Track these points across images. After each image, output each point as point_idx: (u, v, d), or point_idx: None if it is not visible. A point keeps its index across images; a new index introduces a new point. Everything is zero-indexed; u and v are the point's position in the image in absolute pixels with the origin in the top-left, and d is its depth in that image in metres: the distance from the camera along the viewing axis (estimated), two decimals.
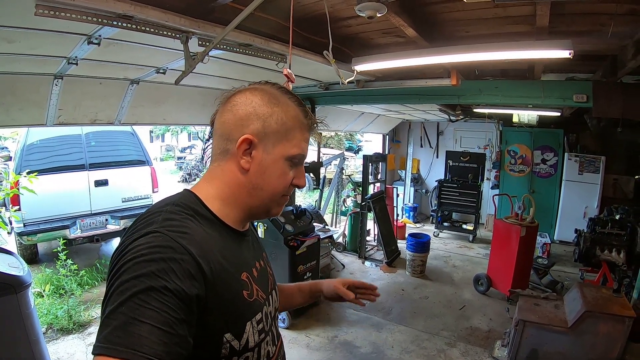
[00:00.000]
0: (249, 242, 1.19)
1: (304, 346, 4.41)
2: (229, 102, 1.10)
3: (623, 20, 2.63)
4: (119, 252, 0.89)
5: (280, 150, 1.07)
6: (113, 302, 0.79)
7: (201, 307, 0.88)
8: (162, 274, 0.81)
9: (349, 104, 5.95)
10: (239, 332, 1.00)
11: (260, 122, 1.05)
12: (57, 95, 3.74)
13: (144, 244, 0.86)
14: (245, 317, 1.03)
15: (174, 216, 0.96)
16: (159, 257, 0.84)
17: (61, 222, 6.15)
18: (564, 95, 4.21)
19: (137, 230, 0.92)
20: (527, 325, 3.74)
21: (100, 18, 2.08)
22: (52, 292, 5.25)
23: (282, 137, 1.07)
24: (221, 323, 0.95)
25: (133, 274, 0.81)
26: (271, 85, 1.12)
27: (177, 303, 0.81)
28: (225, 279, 0.96)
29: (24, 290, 3.01)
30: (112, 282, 0.83)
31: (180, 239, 0.89)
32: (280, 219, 4.86)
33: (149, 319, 0.76)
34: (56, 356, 4.08)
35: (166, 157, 25.11)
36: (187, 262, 0.86)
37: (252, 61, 3.23)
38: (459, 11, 2.83)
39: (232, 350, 0.98)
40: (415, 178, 10.88)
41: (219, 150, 1.10)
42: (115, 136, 7.06)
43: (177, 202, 1.02)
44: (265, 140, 1.06)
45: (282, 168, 1.09)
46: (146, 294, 0.78)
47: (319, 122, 1.19)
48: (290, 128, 1.08)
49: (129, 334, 0.74)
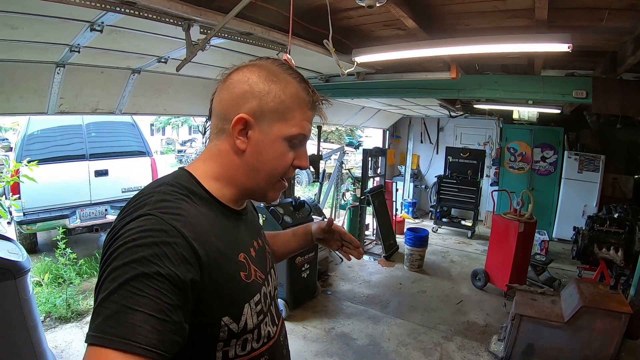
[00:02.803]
0: (246, 221, 1.16)
1: (301, 337, 4.44)
2: (227, 79, 1.07)
3: (622, 15, 2.63)
4: (111, 237, 0.87)
5: (278, 130, 1.03)
6: (105, 290, 0.77)
7: (197, 291, 0.86)
8: (155, 259, 0.79)
9: (349, 97, 5.95)
10: (236, 315, 0.98)
11: (256, 101, 1.01)
12: (59, 83, 3.73)
13: (135, 228, 0.84)
14: (243, 299, 1.00)
15: (167, 197, 0.94)
16: (151, 241, 0.81)
17: (61, 212, 6.17)
18: (563, 91, 4.22)
19: (129, 212, 0.90)
20: (523, 320, 3.76)
21: (103, 4, 2.09)
22: (51, 281, 5.26)
23: (280, 117, 1.02)
24: (218, 307, 0.93)
25: (124, 260, 0.79)
26: (272, 62, 1.08)
27: (171, 289, 0.79)
28: (221, 262, 0.94)
29: (23, 276, 3.02)
30: (104, 268, 0.81)
31: (174, 222, 0.87)
32: (279, 210, 4.88)
33: (142, 306, 0.75)
34: (54, 344, 4.09)
35: (167, 150, 25.03)
36: (180, 246, 0.84)
37: (253, 51, 3.22)
38: (459, 4, 2.84)
39: (230, 333, 0.97)
40: (415, 173, 10.87)
41: (216, 129, 1.07)
42: (115, 127, 7.07)
43: (170, 182, 0.99)
44: (261, 120, 1.02)
45: (280, 149, 1.04)
46: (139, 281, 0.76)
47: (323, 99, 1.12)
48: (289, 106, 1.03)
49: (121, 323, 0.73)
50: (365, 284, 6.07)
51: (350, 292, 5.76)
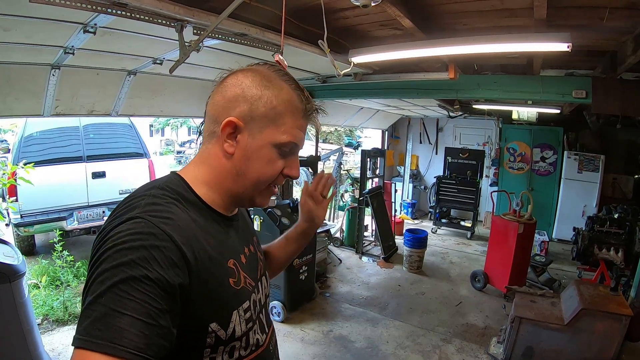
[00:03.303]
0: (237, 227, 1.15)
1: (299, 340, 4.40)
2: (222, 82, 1.06)
3: (622, 14, 2.61)
4: (100, 239, 0.86)
5: (267, 135, 1.01)
6: (93, 292, 0.76)
7: (185, 296, 0.86)
8: (144, 262, 0.79)
9: (347, 97, 5.93)
10: (224, 322, 0.97)
11: (247, 105, 1.00)
12: (55, 85, 3.72)
13: (124, 231, 0.83)
14: (232, 305, 1.00)
15: (157, 200, 0.93)
16: (140, 244, 0.81)
17: (58, 214, 6.14)
18: (563, 91, 4.20)
19: (118, 215, 0.89)
20: (523, 322, 3.73)
21: (94, 5, 2.07)
22: (48, 283, 5.23)
23: (270, 122, 1.01)
24: (206, 312, 0.93)
25: (113, 263, 0.78)
26: (268, 67, 1.07)
27: (159, 293, 0.78)
28: (209, 267, 0.94)
29: (18, 280, 3.01)
30: (93, 270, 0.80)
31: (163, 225, 0.86)
32: (276, 211, 4.84)
33: (130, 310, 0.74)
34: (51, 347, 4.06)
35: (166, 151, 25.07)
36: (169, 250, 0.84)
37: (248, 52, 3.20)
38: (457, 3, 2.81)
39: (217, 339, 0.96)
40: (414, 174, 10.86)
41: (208, 132, 1.07)
42: (113, 128, 7.03)
43: (161, 186, 0.99)
44: (251, 125, 1.01)
45: (269, 155, 1.03)
46: (127, 284, 0.76)
47: (318, 108, 1.10)
48: (280, 112, 1.01)
49: (108, 327, 0.72)
50: (364, 286, 6.04)
51: (348, 294, 5.73)
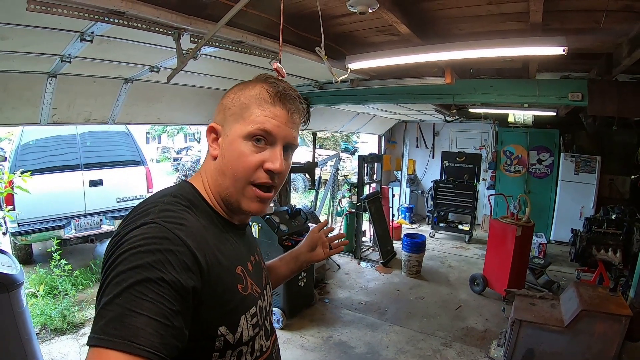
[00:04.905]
0: (244, 236, 1.20)
1: (299, 347, 4.38)
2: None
3: (618, 17, 2.63)
4: (114, 243, 0.88)
5: (235, 130, 1.05)
6: (109, 293, 0.78)
7: (197, 299, 0.88)
8: (159, 265, 0.81)
9: (344, 103, 5.94)
10: (233, 326, 1.00)
11: (223, 110, 1.09)
12: (51, 94, 3.72)
13: (140, 235, 0.86)
14: (240, 310, 1.03)
15: (170, 207, 0.96)
16: (155, 248, 0.83)
17: (56, 222, 6.12)
18: (559, 94, 4.22)
19: (133, 220, 0.92)
20: (523, 325, 3.72)
21: (92, 14, 2.06)
22: (46, 292, 5.19)
23: (238, 117, 1.05)
24: (216, 316, 0.95)
25: (129, 265, 0.80)
26: (259, 76, 1.12)
27: (173, 295, 0.81)
28: (220, 272, 0.97)
29: (16, 289, 3.01)
30: (108, 273, 0.82)
31: (177, 230, 0.89)
32: (274, 218, 4.84)
33: (146, 310, 0.76)
34: (50, 356, 4.05)
35: (162, 158, 24.97)
36: (183, 254, 0.86)
37: (245, 59, 3.22)
38: (453, 8, 2.82)
39: (226, 343, 0.98)
40: (411, 179, 10.87)
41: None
42: (110, 136, 7.04)
43: (174, 194, 1.03)
44: (225, 126, 1.07)
45: (239, 149, 1.03)
46: (142, 286, 0.78)
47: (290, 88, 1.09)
48: (246, 105, 1.05)
49: (125, 326, 0.74)
50: (363, 291, 6.03)
51: (347, 299, 5.72)
